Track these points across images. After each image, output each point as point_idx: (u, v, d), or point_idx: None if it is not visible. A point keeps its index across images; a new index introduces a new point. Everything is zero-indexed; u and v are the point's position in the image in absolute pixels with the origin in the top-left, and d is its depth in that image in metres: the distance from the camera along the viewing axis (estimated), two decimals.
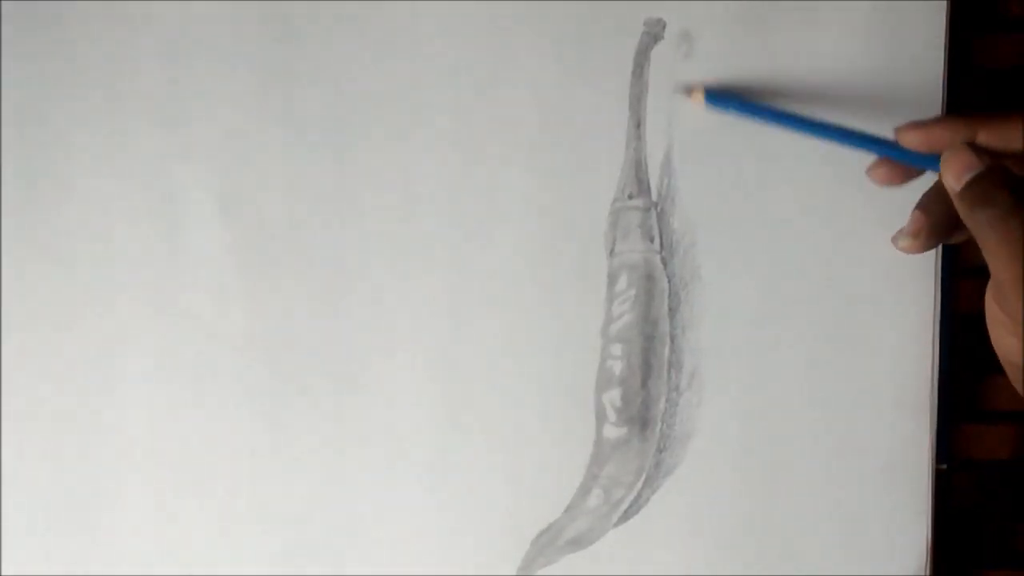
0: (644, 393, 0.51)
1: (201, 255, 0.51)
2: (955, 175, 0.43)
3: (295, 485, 0.52)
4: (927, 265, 0.51)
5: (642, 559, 0.51)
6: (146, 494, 0.52)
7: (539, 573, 0.51)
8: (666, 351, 0.51)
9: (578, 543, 0.51)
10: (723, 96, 0.48)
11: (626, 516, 0.51)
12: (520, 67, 0.51)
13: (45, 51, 0.51)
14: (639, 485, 0.51)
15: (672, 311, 0.51)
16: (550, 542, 0.51)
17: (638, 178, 0.51)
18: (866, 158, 0.49)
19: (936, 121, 0.44)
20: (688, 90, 0.49)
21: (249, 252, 0.51)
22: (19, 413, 0.52)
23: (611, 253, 0.51)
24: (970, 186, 0.43)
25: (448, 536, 0.51)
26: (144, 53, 0.51)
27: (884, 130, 0.49)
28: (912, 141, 0.45)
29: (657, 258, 0.51)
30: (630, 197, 0.51)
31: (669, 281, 0.51)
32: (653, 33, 0.51)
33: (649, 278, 0.51)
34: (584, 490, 0.51)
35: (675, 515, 0.51)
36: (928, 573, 0.51)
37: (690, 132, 0.51)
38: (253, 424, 0.52)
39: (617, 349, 0.51)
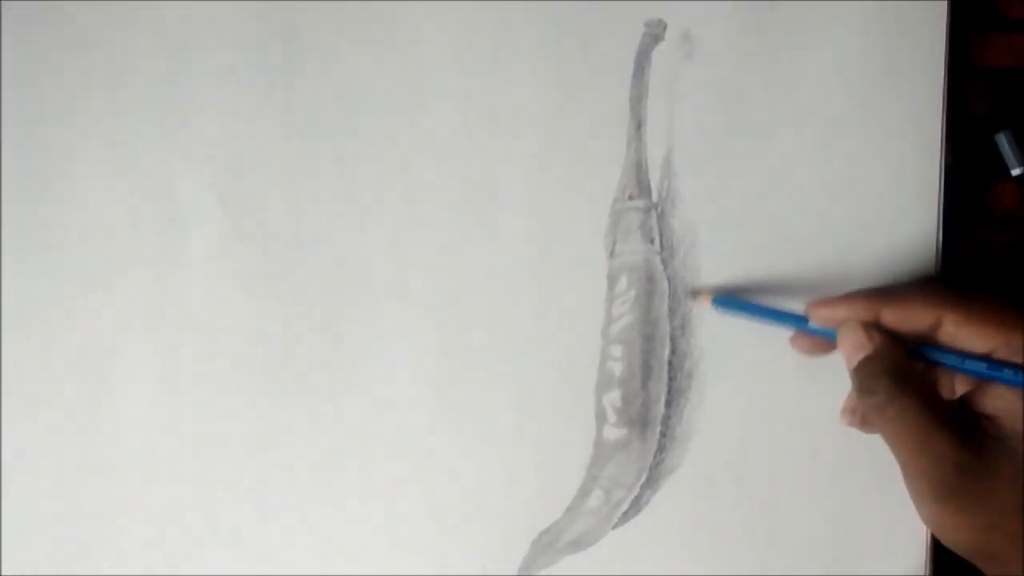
0: (644, 394, 0.51)
1: (201, 255, 0.51)
2: (847, 356, 0.44)
3: (295, 485, 0.52)
4: (927, 265, 0.51)
5: (642, 560, 0.51)
6: (146, 494, 0.52)
7: (539, 574, 0.51)
8: (666, 352, 0.51)
9: (578, 544, 0.51)
10: (730, 300, 0.49)
11: (626, 517, 0.51)
12: (520, 67, 0.51)
13: (45, 51, 0.51)
14: (639, 486, 0.51)
15: (672, 312, 0.51)
16: (550, 543, 0.51)
17: (639, 179, 0.51)
18: (862, 160, 0.49)
19: (841, 299, 0.45)
20: (695, 293, 0.50)
21: (249, 252, 0.51)
22: (19, 413, 0.52)
23: (611, 254, 0.51)
24: (858, 369, 0.44)
25: (448, 537, 0.51)
26: (144, 53, 0.51)
27: (881, 127, 0.49)
28: (819, 317, 0.46)
29: (657, 259, 0.51)
30: (630, 198, 0.51)
31: (669, 282, 0.51)
32: (654, 34, 0.51)
33: (649, 279, 0.51)
34: (584, 491, 0.51)
35: (675, 516, 0.51)
36: (928, 573, 0.51)
37: (691, 133, 0.51)
38: (253, 424, 0.52)
39: (617, 350, 0.51)
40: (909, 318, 0.43)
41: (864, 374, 0.43)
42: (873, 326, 0.44)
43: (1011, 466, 0.40)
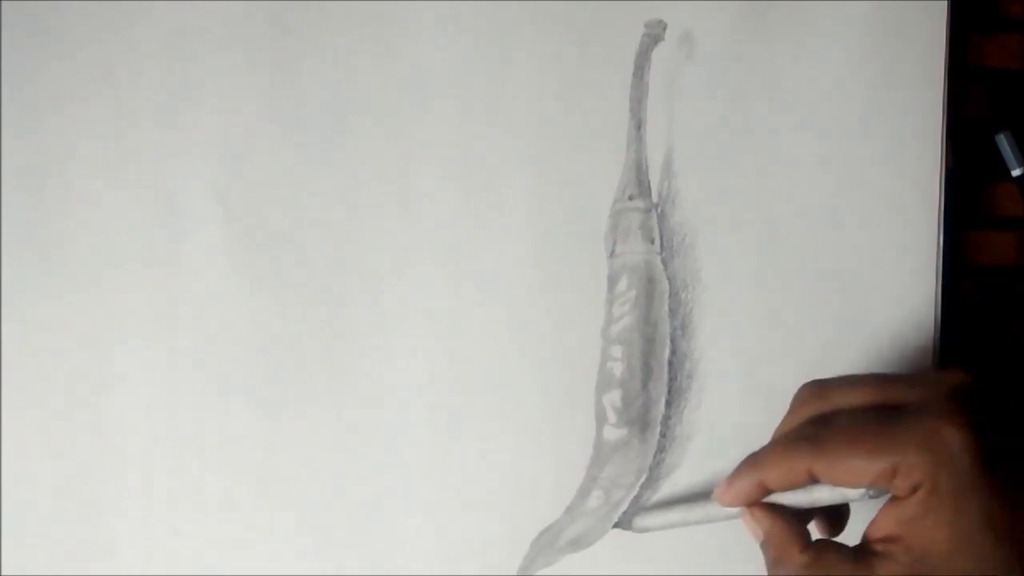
0: (644, 395, 0.51)
1: (201, 255, 0.51)
2: (753, 535, 0.44)
3: (294, 485, 0.52)
4: (927, 264, 0.51)
5: (642, 560, 0.51)
6: (146, 495, 0.52)
7: (539, 574, 0.51)
8: (666, 353, 0.51)
9: (578, 544, 0.51)
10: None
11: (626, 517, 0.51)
12: (521, 68, 0.51)
13: (45, 51, 0.51)
14: (639, 487, 0.51)
15: (672, 313, 0.51)
16: (550, 543, 0.51)
17: (639, 179, 0.51)
18: (862, 160, 0.49)
19: (738, 473, 0.44)
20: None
21: (249, 252, 0.51)
22: (19, 413, 0.52)
23: (611, 254, 0.51)
24: (763, 553, 0.44)
25: (448, 536, 0.51)
26: (144, 53, 0.51)
27: (881, 127, 0.49)
28: (726, 502, 0.44)
29: (658, 260, 0.51)
30: (631, 198, 0.51)
31: (670, 283, 0.51)
32: (654, 34, 0.51)
33: (650, 280, 0.51)
34: (584, 491, 0.51)
35: None
36: None
37: (691, 134, 0.51)
38: (253, 424, 0.52)
39: (617, 351, 0.51)
40: (789, 482, 0.42)
41: (766, 559, 0.44)
42: (762, 505, 0.44)
43: None
